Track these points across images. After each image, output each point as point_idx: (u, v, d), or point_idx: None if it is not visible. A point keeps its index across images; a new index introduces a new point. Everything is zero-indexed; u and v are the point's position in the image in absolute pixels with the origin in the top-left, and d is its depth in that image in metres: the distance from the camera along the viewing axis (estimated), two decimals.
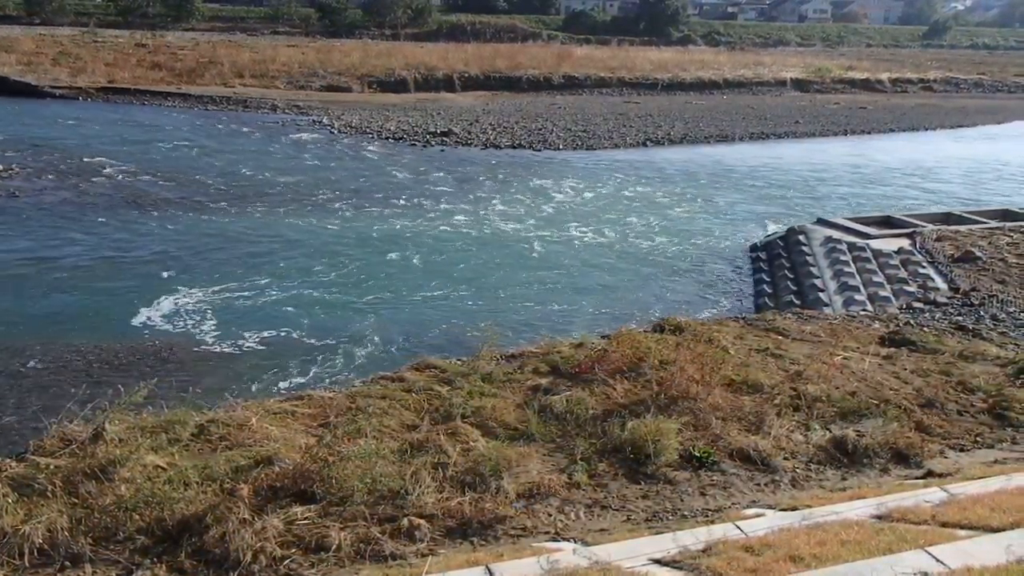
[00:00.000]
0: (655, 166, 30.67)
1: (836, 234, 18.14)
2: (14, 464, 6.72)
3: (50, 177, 24.41)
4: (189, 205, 22.09)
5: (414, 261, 17.83)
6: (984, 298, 13.76)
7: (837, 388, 9.02)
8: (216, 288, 15.44)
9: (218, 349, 12.83)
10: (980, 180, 31.04)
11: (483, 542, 6.13)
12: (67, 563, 5.66)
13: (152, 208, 21.61)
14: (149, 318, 13.92)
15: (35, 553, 5.65)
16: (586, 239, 20.22)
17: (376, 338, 13.36)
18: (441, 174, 27.40)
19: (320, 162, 28.97)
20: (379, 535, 5.98)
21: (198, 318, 13.99)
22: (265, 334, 13.37)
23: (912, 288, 14.68)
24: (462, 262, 17.88)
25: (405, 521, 6.14)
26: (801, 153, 35.62)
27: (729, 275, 17.99)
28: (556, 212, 22.85)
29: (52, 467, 6.58)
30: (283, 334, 13.45)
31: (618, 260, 18.67)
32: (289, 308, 14.65)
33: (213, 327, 13.60)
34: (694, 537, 5.71)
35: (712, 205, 24.97)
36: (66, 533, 5.79)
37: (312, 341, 13.18)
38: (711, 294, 16.69)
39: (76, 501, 6.17)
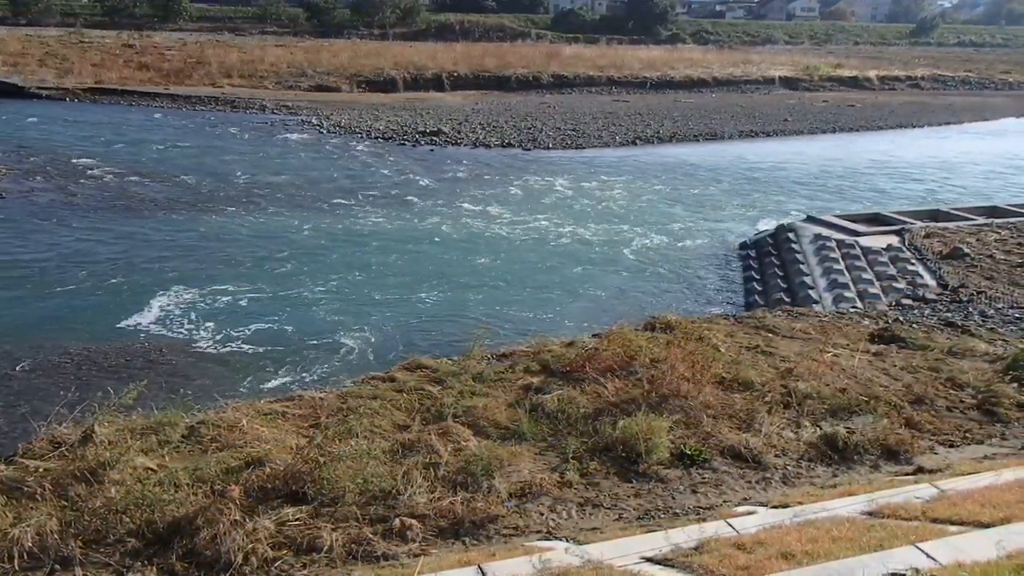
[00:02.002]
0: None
1: (825, 231, 18.20)
2: (3, 467, 6.68)
3: (38, 179, 24.27)
4: (178, 206, 21.99)
5: (403, 261, 17.79)
6: (972, 294, 13.83)
7: (827, 385, 9.06)
8: (205, 289, 15.37)
9: (208, 350, 12.78)
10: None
11: (475, 542, 6.13)
12: (57, 566, 5.62)
13: (141, 209, 21.51)
14: (139, 320, 13.85)
15: (25, 556, 5.62)
16: (576, 238, 20.22)
17: (366, 338, 13.34)
18: (430, 174, 27.35)
19: (309, 162, 28.89)
20: (371, 535, 5.98)
21: (188, 319, 13.93)
22: (255, 335, 13.32)
23: (901, 285, 14.75)
24: (452, 262, 17.85)
25: (397, 521, 6.13)
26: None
27: (721, 273, 18.04)
28: (545, 211, 22.83)
29: (41, 470, 6.55)
30: (273, 335, 13.41)
31: (611, 259, 18.67)
32: (279, 308, 14.60)
33: (203, 328, 13.54)
34: (686, 535, 5.72)
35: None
36: (56, 536, 5.76)
37: (302, 341, 13.14)
38: (702, 292, 16.73)
39: (66, 504, 6.14)
